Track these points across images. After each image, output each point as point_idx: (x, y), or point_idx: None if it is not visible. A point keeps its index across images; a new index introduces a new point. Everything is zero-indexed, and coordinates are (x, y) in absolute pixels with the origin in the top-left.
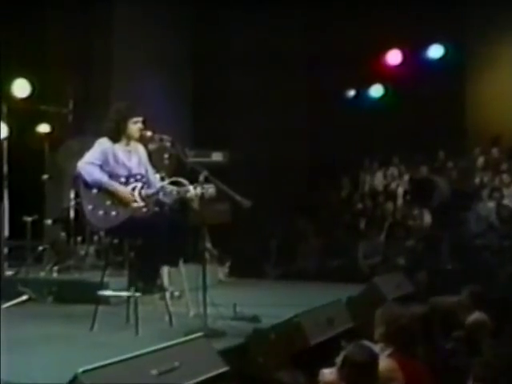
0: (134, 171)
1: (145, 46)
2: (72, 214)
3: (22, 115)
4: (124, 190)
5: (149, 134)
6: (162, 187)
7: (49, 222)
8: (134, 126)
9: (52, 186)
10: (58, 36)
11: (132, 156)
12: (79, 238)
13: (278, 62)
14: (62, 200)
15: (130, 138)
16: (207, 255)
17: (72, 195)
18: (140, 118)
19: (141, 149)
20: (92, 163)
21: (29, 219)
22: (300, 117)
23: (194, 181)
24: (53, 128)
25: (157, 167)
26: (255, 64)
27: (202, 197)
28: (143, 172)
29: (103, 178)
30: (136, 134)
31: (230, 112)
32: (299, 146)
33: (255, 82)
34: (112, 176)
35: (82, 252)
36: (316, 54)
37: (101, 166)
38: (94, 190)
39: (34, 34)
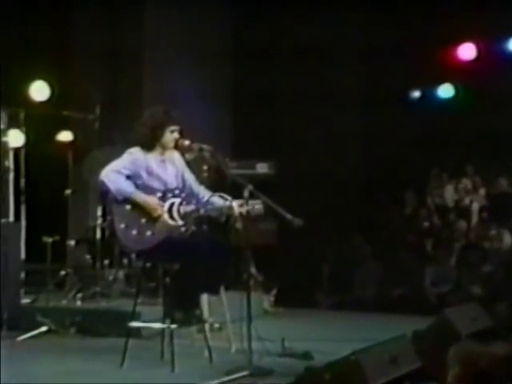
0: (171, 184)
1: (179, 45)
2: (98, 233)
3: (41, 121)
4: (153, 201)
5: (186, 143)
6: (207, 202)
7: (72, 243)
8: (171, 136)
9: (76, 202)
10: (82, 33)
11: (167, 166)
12: (107, 262)
13: (331, 61)
14: (87, 218)
15: (164, 147)
16: (251, 281)
17: (99, 212)
18: (178, 127)
19: (177, 156)
20: (117, 171)
21: (49, 240)
22: (357, 122)
23: (236, 196)
24: (76, 136)
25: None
26: (305, 63)
27: (247, 215)
28: (181, 185)
29: (129, 187)
30: (172, 144)
31: (276, 117)
32: (355, 155)
33: (305, 84)
34: (146, 191)
35: (110, 277)
36: (375, 49)
37: (129, 177)
38: (128, 206)
39: (55, 30)
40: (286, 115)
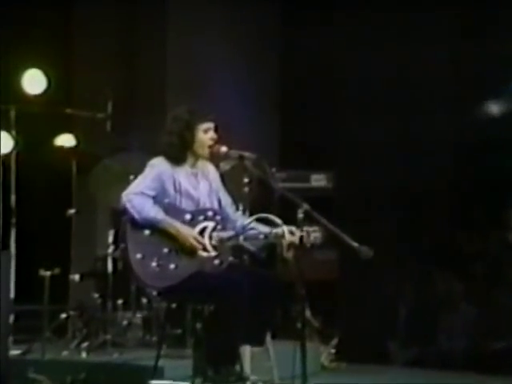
0: (204, 204)
1: (211, 31)
2: (110, 265)
3: (35, 121)
4: (190, 233)
5: (223, 149)
6: (244, 228)
7: (76, 277)
8: (205, 136)
9: (81, 225)
10: (88, 10)
11: (200, 182)
12: (120, 302)
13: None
14: (95, 246)
15: (196, 156)
16: (306, 329)
17: (110, 238)
18: (212, 125)
19: (211, 170)
20: (142, 193)
21: (47, 274)
22: (436, 119)
23: (286, 218)
24: (81, 140)
25: (232, 196)
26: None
27: (300, 243)
28: (216, 205)
29: (158, 213)
30: (205, 150)
31: (333, 119)
32: (439, 164)
33: (367, 79)
34: (172, 212)
35: (124, 322)
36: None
37: (155, 198)
38: (146, 232)
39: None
40: (343, 118)
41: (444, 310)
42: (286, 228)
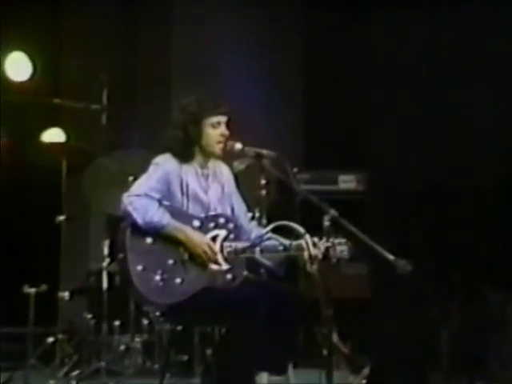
0: (214, 209)
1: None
2: (105, 281)
3: (19, 113)
4: (201, 238)
5: (238, 146)
6: (261, 237)
7: (65, 294)
8: (215, 132)
9: (71, 235)
10: None
11: (211, 184)
12: (117, 323)
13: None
14: (88, 258)
15: (206, 154)
16: (333, 355)
17: (105, 250)
18: (223, 118)
19: (225, 171)
20: (146, 195)
21: (31, 291)
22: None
23: (310, 225)
24: (71, 135)
25: (247, 201)
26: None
27: (326, 256)
28: (228, 211)
29: (164, 217)
30: (215, 147)
31: (364, 113)
32: (477, 161)
33: (401, 69)
34: (177, 218)
35: (122, 347)
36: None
37: (160, 202)
38: (148, 240)
39: None
40: (374, 110)
41: (496, 333)
42: (309, 238)
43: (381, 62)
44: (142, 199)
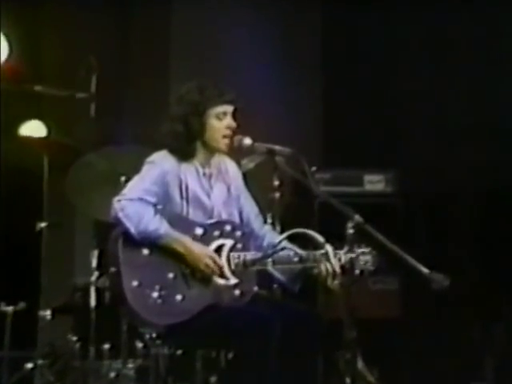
0: (219, 215)
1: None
2: (93, 298)
3: None
4: (204, 251)
5: (247, 141)
6: (274, 247)
7: (47, 313)
8: (220, 124)
9: (55, 244)
10: None
11: (215, 185)
12: (106, 346)
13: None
14: (74, 271)
15: (209, 150)
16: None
17: (94, 262)
18: (230, 107)
19: (231, 169)
20: (140, 199)
21: (8, 309)
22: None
23: (331, 233)
24: (52, 129)
25: (258, 204)
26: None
27: (350, 269)
28: (235, 216)
29: (161, 226)
30: (220, 142)
31: (394, 103)
32: None
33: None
34: (176, 225)
35: (112, 373)
36: None
37: (156, 207)
38: (145, 251)
39: None
40: (402, 105)
41: None
42: (330, 248)
43: (407, 55)
44: (135, 204)
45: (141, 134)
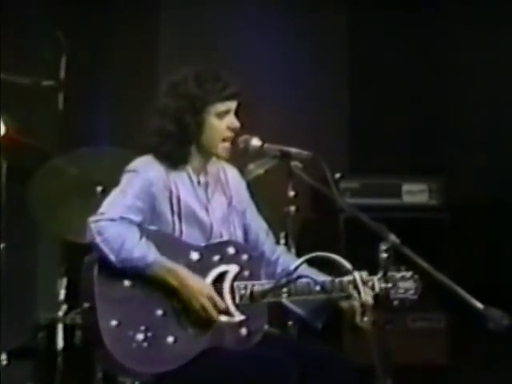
0: (219, 234)
1: None
2: (60, 339)
3: None
4: (201, 288)
5: (255, 142)
6: (290, 274)
7: (2, 358)
8: (221, 124)
9: (12, 269)
10: None
11: (213, 197)
12: None
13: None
14: (36, 305)
15: (206, 155)
16: None
17: (62, 293)
18: (233, 103)
19: (232, 176)
20: (122, 220)
21: None
22: None
23: (360, 257)
24: (9, 126)
25: (267, 220)
26: None
27: (385, 301)
28: (239, 235)
29: (149, 252)
30: (219, 146)
31: (429, 103)
32: None
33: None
34: (167, 248)
35: None
36: None
37: (141, 226)
38: (126, 282)
39: None
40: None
41: None
42: (359, 276)
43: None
44: (116, 226)
45: (121, 134)
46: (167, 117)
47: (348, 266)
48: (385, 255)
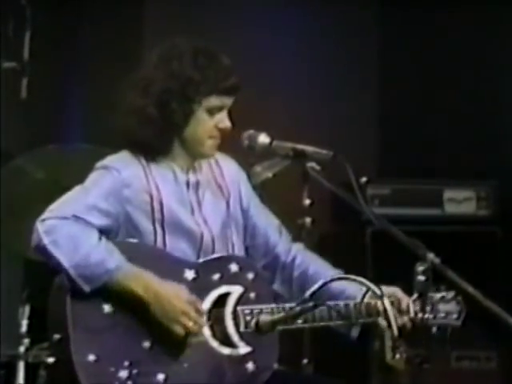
0: (211, 245)
1: None
2: (21, 377)
3: None
4: (178, 289)
5: (263, 139)
6: (305, 301)
7: None
8: (210, 121)
9: None
10: None
11: (205, 199)
12: None
13: None
14: None
15: (191, 150)
16: None
17: (24, 324)
18: (230, 100)
19: (228, 170)
20: (77, 219)
21: None
22: None
23: (391, 277)
24: None
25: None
26: None
27: (422, 325)
28: (240, 245)
29: (111, 256)
30: (208, 141)
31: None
32: None
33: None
34: (152, 264)
35: None
36: None
37: (108, 233)
38: (107, 308)
39: None
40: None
41: None
42: (389, 304)
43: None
44: (68, 225)
45: (97, 128)
46: (150, 96)
47: (377, 291)
48: (422, 278)
